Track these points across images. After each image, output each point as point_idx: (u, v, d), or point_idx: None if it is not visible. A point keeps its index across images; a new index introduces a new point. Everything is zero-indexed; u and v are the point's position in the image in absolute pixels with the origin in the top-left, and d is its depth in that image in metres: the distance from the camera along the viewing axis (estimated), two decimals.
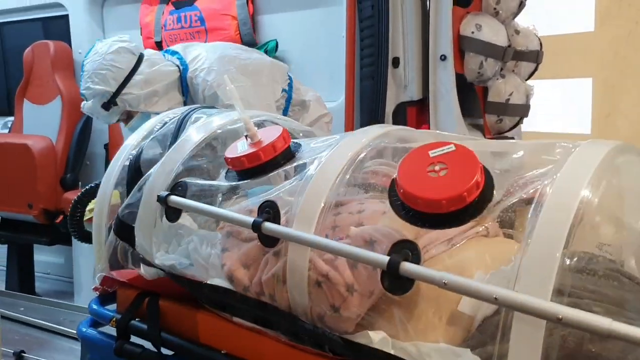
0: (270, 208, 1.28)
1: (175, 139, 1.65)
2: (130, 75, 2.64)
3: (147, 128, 1.82)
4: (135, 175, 1.66)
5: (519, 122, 3.28)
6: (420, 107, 3.07)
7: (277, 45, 3.46)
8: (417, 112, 3.09)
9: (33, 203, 3.79)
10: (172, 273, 1.45)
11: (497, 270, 1.10)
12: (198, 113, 1.77)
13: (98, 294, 1.75)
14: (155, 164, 1.57)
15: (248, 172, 1.41)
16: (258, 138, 1.40)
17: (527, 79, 3.33)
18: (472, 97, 3.17)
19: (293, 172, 1.38)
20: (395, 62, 3.01)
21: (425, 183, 1.14)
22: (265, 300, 1.29)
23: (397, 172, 1.19)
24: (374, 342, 1.14)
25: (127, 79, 2.63)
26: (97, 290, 1.75)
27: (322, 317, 1.22)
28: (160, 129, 1.79)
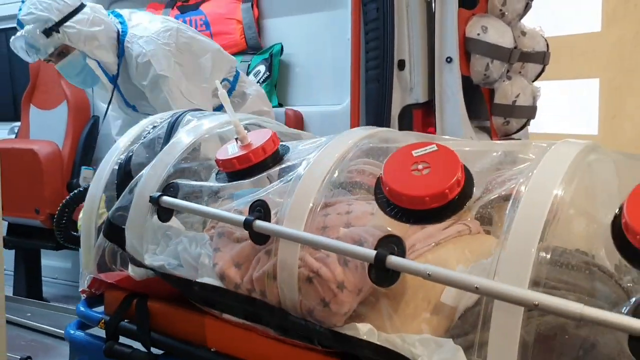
0: (261, 207, 1.36)
1: (167, 142, 1.73)
2: (75, 12, 2.82)
3: (136, 132, 1.91)
4: (125, 179, 1.73)
5: (526, 124, 3.33)
6: (427, 109, 3.13)
7: (282, 49, 3.54)
8: (423, 114, 3.15)
9: (40, 208, 3.88)
10: (162, 272, 1.53)
11: (477, 264, 1.19)
12: (189, 116, 1.85)
13: (85, 297, 1.82)
14: (146, 167, 1.65)
15: (239, 173, 1.49)
16: (248, 141, 1.49)
17: (533, 81, 3.38)
18: (478, 99, 3.23)
19: (281, 173, 1.46)
20: (401, 64, 3.07)
21: (410, 181, 1.24)
22: (256, 297, 1.37)
23: (382, 171, 1.28)
24: (361, 333, 1.23)
25: (70, 14, 2.80)
26: (84, 293, 1.81)
27: (311, 311, 1.30)
28: (150, 133, 1.87)
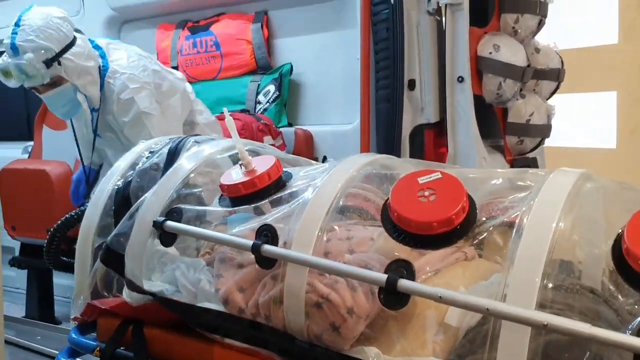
0: (268, 231, 1.41)
1: (168, 167, 1.77)
2: (71, 44, 2.90)
3: (132, 157, 1.95)
4: (123, 204, 1.78)
5: (541, 142, 3.33)
6: (438, 129, 3.14)
7: (291, 69, 3.60)
8: (435, 134, 3.16)
9: (51, 228, 3.94)
10: (162, 298, 1.57)
11: (476, 285, 1.27)
12: (190, 141, 1.90)
13: (77, 324, 1.84)
14: (145, 193, 1.69)
15: (244, 198, 1.54)
16: (252, 166, 1.54)
17: (548, 98, 3.38)
18: (491, 118, 3.23)
19: (285, 199, 1.51)
20: (411, 84, 3.09)
21: (417, 207, 1.30)
22: (261, 321, 1.40)
23: (389, 197, 1.34)
24: (369, 357, 1.28)
25: (68, 46, 2.87)
26: (76, 320, 1.84)
27: (319, 336, 1.34)
28: (148, 159, 1.91)
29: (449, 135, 3.05)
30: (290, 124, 3.65)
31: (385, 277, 1.22)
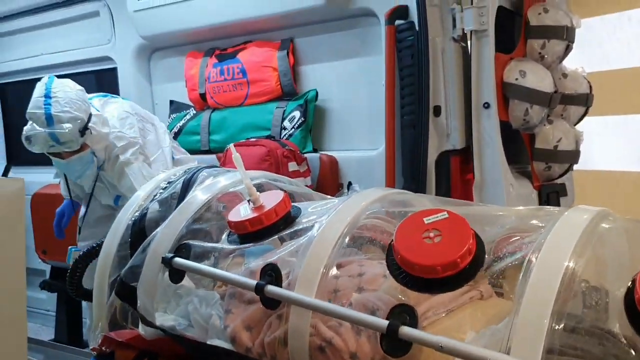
0: (272, 271, 1.39)
1: (182, 200, 1.77)
2: (91, 115, 3.17)
3: (150, 188, 1.96)
4: (139, 236, 1.78)
5: (569, 168, 3.27)
6: (465, 156, 3.10)
7: (317, 95, 3.59)
8: (461, 161, 3.13)
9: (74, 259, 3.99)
10: (173, 333, 1.56)
11: (486, 329, 1.20)
12: (205, 172, 1.89)
13: (96, 354, 1.83)
14: (159, 225, 1.70)
15: (250, 235, 1.52)
16: (260, 202, 1.52)
17: (576, 124, 3.32)
18: (518, 143, 3.18)
19: (293, 236, 1.48)
20: (437, 110, 3.06)
21: (421, 249, 1.27)
22: None
23: (394, 237, 1.30)
24: None
25: (90, 117, 3.15)
26: (94, 351, 1.83)
27: None
28: (165, 189, 1.91)
29: (476, 162, 3.01)
30: (316, 150, 3.63)
31: (387, 323, 1.19)
